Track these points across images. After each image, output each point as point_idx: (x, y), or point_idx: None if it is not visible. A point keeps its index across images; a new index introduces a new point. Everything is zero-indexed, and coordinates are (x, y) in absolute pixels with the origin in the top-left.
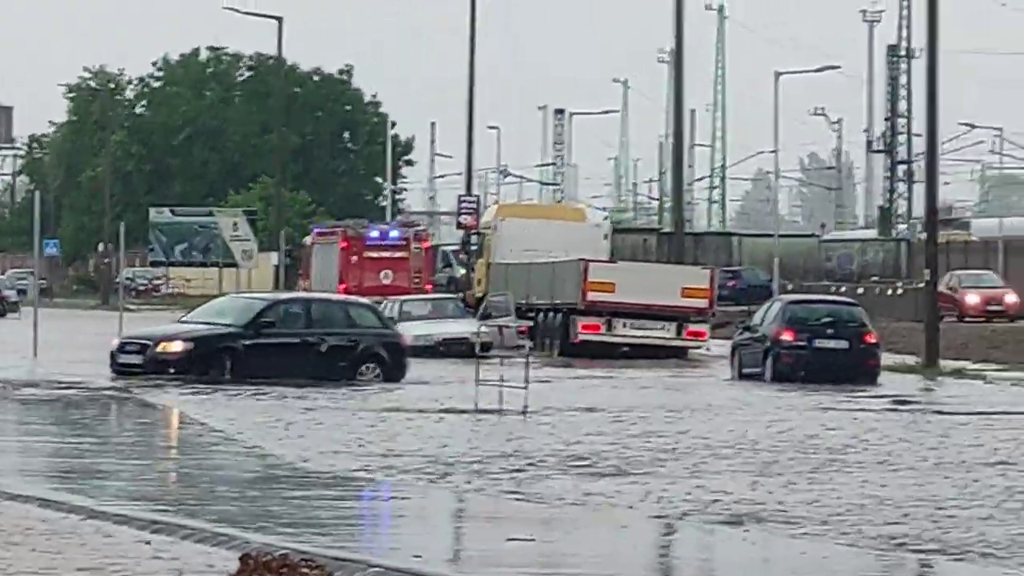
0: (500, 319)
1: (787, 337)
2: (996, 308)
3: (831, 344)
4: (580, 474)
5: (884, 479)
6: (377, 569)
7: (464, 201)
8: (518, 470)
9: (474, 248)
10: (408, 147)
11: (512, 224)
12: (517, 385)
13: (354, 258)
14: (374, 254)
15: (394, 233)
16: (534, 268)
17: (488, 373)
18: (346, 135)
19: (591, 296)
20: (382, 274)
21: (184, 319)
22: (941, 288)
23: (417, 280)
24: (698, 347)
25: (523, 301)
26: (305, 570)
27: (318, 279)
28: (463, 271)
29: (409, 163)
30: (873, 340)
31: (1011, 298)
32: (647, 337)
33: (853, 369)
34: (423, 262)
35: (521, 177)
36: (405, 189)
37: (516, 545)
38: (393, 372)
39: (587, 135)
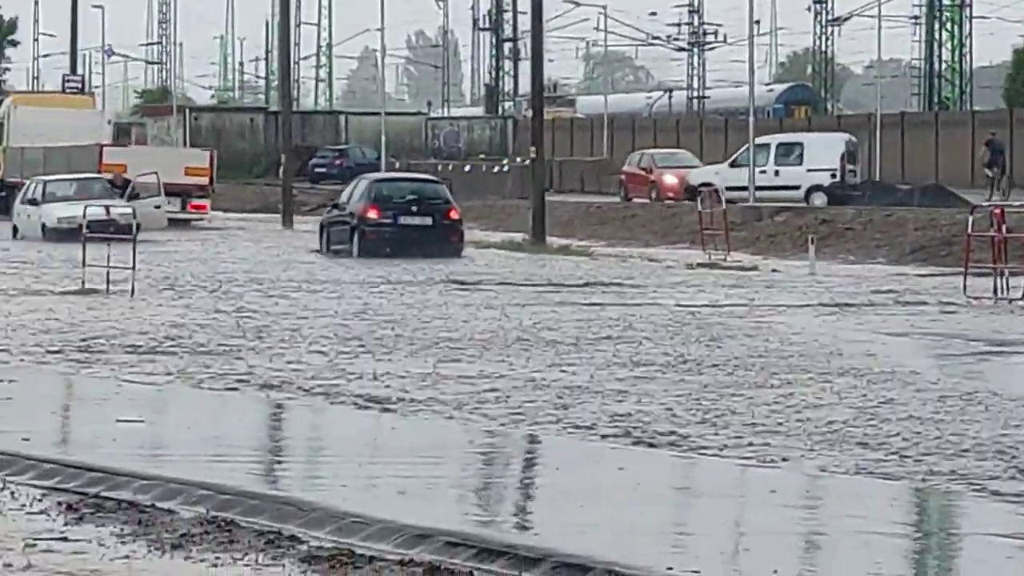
0: (148, 199)
1: (372, 214)
2: None
3: (416, 221)
4: (188, 354)
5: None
6: None
7: (69, 81)
8: (128, 350)
9: None
10: (12, 27)
11: (25, 111)
12: (124, 266)
13: None
14: None
15: None
16: (50, 152)
17: (96, 253)
18: None
19: (106, 177)
20: None
21: None
22: (632, 168)
23: None
24: (200, 219)
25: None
26: None
27: None
28: None
29: (13, 44)
30: (456, 216)
31: None
32: None
33: (437, 244)
34: None
35: (126, 56)
36: (8, 70)
37: (126, 427)
38: None
39: (192, 14)
